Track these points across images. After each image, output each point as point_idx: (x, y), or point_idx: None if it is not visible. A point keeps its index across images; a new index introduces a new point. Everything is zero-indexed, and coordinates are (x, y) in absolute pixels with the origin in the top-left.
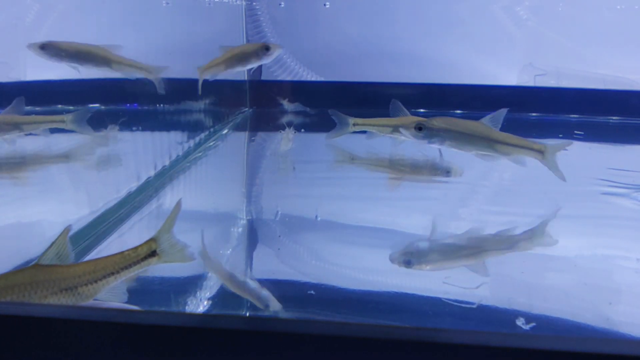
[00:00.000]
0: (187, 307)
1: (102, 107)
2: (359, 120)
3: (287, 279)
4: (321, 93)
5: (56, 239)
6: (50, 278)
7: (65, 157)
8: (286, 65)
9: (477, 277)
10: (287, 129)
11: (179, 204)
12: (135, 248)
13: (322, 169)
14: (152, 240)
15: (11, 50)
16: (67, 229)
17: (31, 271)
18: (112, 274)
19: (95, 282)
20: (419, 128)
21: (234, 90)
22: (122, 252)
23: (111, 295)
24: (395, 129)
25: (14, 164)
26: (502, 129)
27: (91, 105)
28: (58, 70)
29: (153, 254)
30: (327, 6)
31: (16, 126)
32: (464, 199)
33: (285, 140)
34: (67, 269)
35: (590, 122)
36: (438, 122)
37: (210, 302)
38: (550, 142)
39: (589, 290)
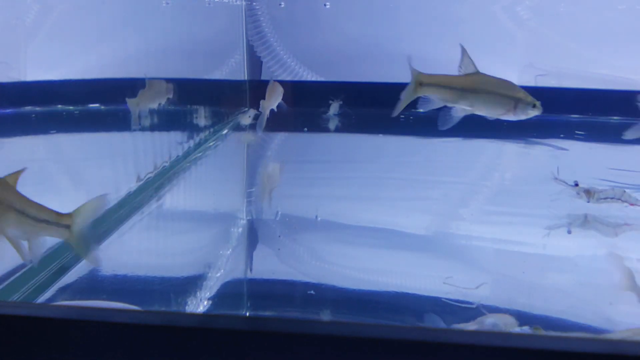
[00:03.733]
0: (187, 307)
1: (102, 107)
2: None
3: (287, 279)
4: (321, 93)
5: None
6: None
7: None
8: (286, 65)
9: (477, 278)
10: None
11: (103, 198)
12: (57, 212)
13: (322, 169)
14: (69, 215)
15: (11, 50)
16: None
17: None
18: (31, 217)
19: (9, 212)
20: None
21: (234, 90)
22: (44, 206)
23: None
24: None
25: (14, 164)
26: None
27: (91, 105)
28: (58, 70)
29: (67, 226)
30: (328, 6)
31: None
32: (464, 199)
33: (245, 117)
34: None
35: (590, 122)
36: None
37: (210, 302)
38: None
39: (589, 290)
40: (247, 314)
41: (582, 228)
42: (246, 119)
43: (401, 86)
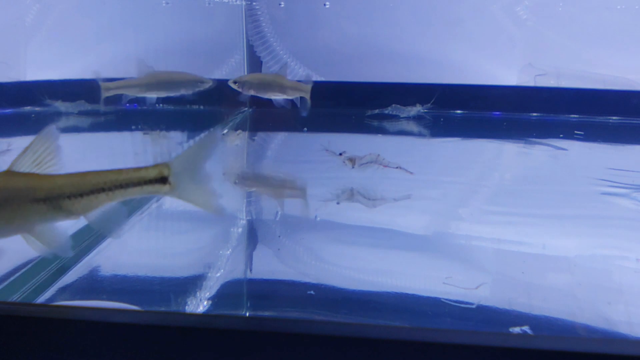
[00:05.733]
0: (187, 307)
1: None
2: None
3: (287, 279)
4: (321, 93)
5: (33, 141)
6: (23, 185)
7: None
8: (286, 65)
9: (477, 278)
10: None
11: (212, 136)
12: (140, 168)
13: (322, 169)
14: (164, 164)
15: (11, 50)
16: (50, 129)
17: (2, 176)
18: (104, 190)
19: (81, 196)
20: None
21: (234, 90)
22: (120, 169)
23: (105, 218)
24: None
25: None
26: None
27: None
28: (58, 70)
29: (163, 180)
30: (327, 6)
31: None
32: (464, 199)
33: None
34: (47, 178)
35: (590, 122)
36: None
37: (210, 302)
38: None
39: (589, 290)
40: (247, 314)
41: (349, 200)
42: (234, 138)
43: (401, 86)
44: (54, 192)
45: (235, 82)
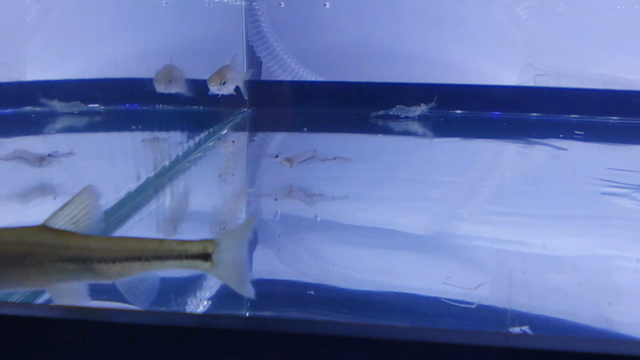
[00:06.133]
0: (187, 307)
1: (102, 107)
2: None
3: (287, 279)
4: (321, 93)
5: (73, 198)
6: (54, 243)
7: (65, 157)
8: (286, 65)
9: (477, 278)
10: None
11: (252, 219)
12: (184, 241)
13: (322, 169)
14: (210, 241)
15: (11, 50)
16: (90, 188)
17: (34, 231)
18: (140, 259)
19: (114, 262)
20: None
21: (233, 90)
22: (162, 239)
23: (137, 287)
24: None
25: (15, 164)
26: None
27: (91, 105)
28: (58, 70)
29: (206, 257)
30: (327, 6)
31: None
32: (464, 199)
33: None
34: (80, 237)
35: (590, 122)
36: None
37: (210, 302)
38: None
39: (589, 291)
40: (247, 314)
41: (288, 197)
42: (227, 145)
43: (401, 86)
44: (84, 253)
45: (223, 82)
